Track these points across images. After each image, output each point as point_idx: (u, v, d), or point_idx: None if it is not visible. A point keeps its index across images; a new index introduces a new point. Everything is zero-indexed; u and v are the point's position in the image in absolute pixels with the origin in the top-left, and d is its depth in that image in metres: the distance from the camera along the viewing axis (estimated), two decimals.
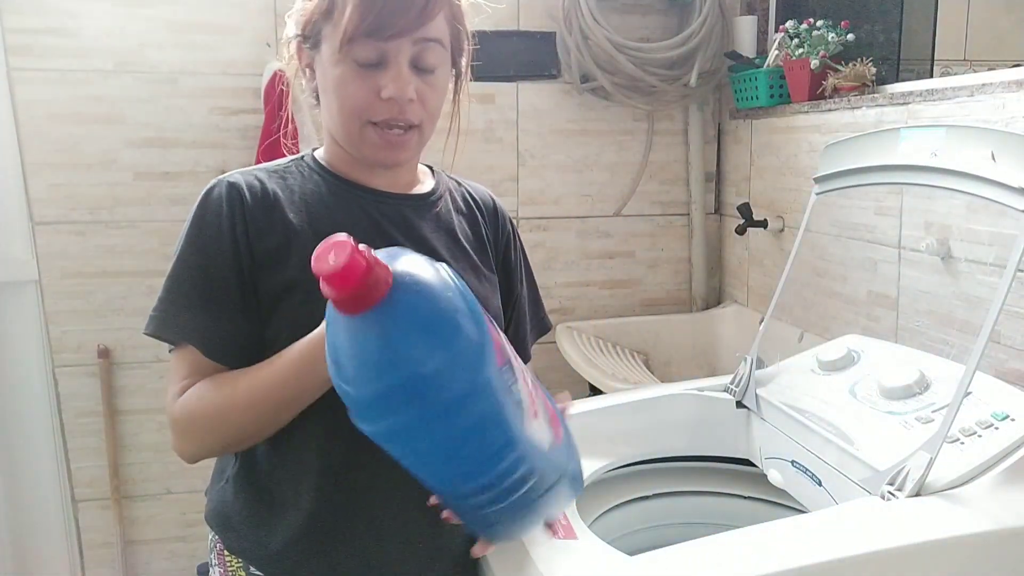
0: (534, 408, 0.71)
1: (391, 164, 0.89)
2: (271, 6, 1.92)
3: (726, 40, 2.07)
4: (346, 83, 0.82)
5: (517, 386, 0.68)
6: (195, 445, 0.82)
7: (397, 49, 0.81)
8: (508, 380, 0.66)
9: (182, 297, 0.82)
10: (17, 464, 1.94)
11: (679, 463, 1.30)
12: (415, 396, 0.58)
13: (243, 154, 1.93)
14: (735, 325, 2.11)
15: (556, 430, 0.76)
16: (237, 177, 0.87)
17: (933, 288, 1.39)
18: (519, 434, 0.67)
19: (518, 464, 0.68)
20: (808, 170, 1.73)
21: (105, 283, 1.93)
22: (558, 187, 2.15)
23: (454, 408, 0.61)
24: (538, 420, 0.72)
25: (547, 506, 0.75)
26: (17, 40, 1.81)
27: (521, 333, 1.02)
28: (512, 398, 0.66)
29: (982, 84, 1.27)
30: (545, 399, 0.77)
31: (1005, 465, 0.91)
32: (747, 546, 0.84)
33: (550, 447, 0.73)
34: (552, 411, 0.77)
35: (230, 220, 0.83)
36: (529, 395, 0.71)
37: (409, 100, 0.82)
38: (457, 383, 0.60)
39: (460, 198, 0.99)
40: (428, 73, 0.84)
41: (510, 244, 1.02)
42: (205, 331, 0.81)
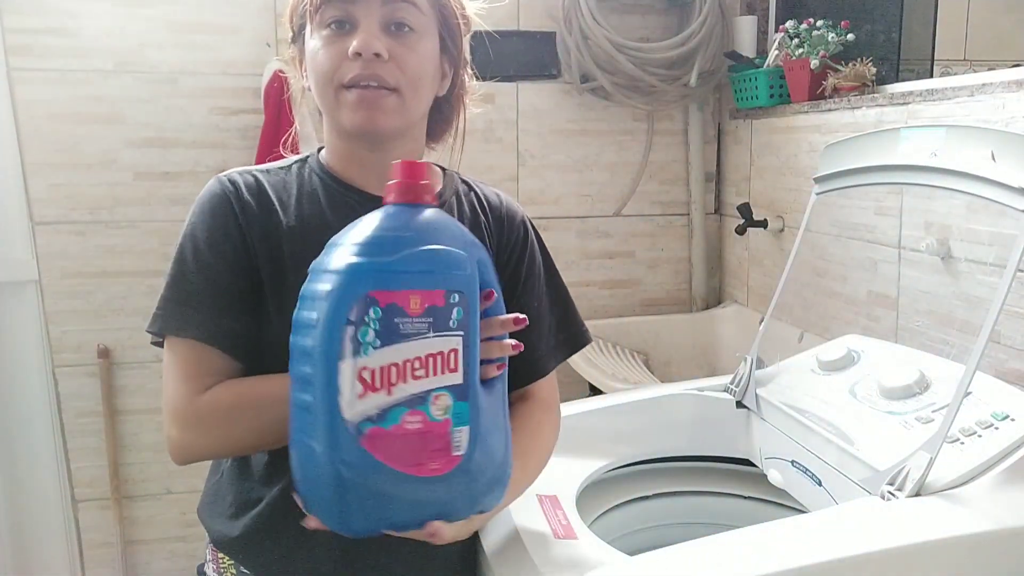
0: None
1: (372, 130, 0.83)
2: (271, 6, 1.92)
3: (726, 40, 2.07)
4: (317, 52, 0.82)
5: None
6: (217, 440, 0.80)
7: (365, 10, 0.81)
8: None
9: (186, 294, 0.81)
10: (17, 464, 1.93)
11: (679, 463, 1.30)
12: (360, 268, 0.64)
13: (243, 154, 1.93)
14: (735, 325, 2.11)
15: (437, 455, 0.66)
16: (236, 175, 0.86)
17: (933, 288, 1.39)
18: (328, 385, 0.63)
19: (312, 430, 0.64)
20: (808, 170, 1.73)
21: (105, 283, 1.93)
22: (558, 187, 2.15)
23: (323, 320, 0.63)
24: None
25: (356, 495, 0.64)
26: (17, 40, 1.81)
27: (539, 352, 0.94)
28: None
29: (982, 84, 1.27)
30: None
31: (1005, 465, 0.91)
32: (747, 546, 0.84)
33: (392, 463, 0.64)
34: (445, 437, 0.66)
35: (232, 217, 0.83)
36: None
37: (376, 55, 0.80)
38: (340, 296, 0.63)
39: (468, 204, 0.94)
40: (404, 36, 0.82)
41: (523, 255, 0.95)
42: (215, 326, 0.80)
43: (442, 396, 0.66)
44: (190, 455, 0.81)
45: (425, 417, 0.65)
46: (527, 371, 0.93)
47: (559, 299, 0.99)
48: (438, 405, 0.66)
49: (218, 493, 0.90)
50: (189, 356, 0.80)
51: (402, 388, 0.64)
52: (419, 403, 0.65)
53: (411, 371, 0.64)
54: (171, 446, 0.81)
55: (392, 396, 0.64)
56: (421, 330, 0.65)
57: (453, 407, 0.67)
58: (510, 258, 0.94)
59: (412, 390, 0.64)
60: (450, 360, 0.66)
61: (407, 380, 0.64)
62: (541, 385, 0.95)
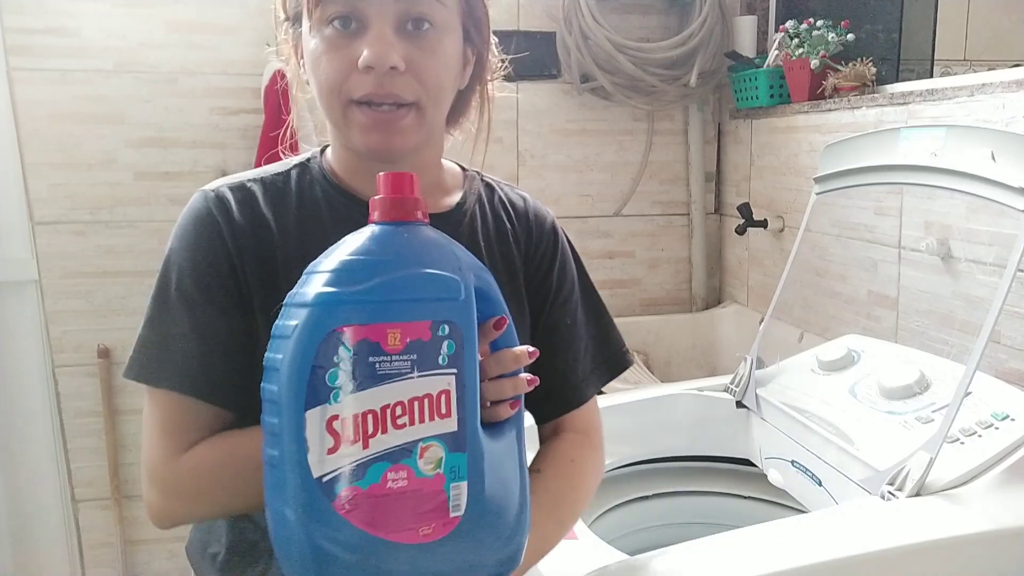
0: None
1: (387, 153, 0.72)
2: (271, 6, 1.92)
3: (726, 40, 2.07)
4: (319, 56, 0.69)
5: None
6: (201, 506, 0.70)
7: (377, 7, 0.67)
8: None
9: (167, 336, 0.70)
10: (17, 464, 1.93)
11: (679, 463, 1.30)
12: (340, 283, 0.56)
13: (243, 154, 1.93)
14: (735, 325, 2.11)
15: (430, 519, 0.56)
16: (224, 190, 0.74)
17: (933, 288, 1.39)
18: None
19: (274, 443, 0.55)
20: (808, 170, 1.73)
21: (105, 283, 1.93)
22: (558, 187, 2.15)
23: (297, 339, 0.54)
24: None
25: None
26: (17, 40, 1.81)
27: (575, 376, 0.83)
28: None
29: (982, 84, 1.27)
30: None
31: (1005, 465, 0.91)
32: (747, 546, 0.84)
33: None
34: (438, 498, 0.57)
35: (220, 242, 0.71)
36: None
37: (392, 68, 0.67)
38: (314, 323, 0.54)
39: (491, 211, 0.83)
40: (423, 36, 0.69)
41: (553, 264, 0.84)
42: (199, 375, 0.69)
43: (432, 447, 0.56)
44: (172, 521, 0.71)
45: (412, 473, 0.55)
46: (561, 399, 0.82)
47: (596, 315, 0.87)
48: (427, 458, 0.56)
49: (211, 532, 0.79)
50: (170, 409, 0.69)
51: (381, 440, 0.54)
52: (404, 456, 0.55)
53: (392, 419, 0.55)
54: (150, 511, 0.71)
55: (369, 449, 0.54)
56: (402, 370, 0.55)
57: (446, 459, 0.57)
58: (539, 268, 0.83)
59: (394, 441, 0.54)
60: (440, 404, 0.56)
61: (387, 430, 0.54)
62: (578, 415, 0.83)
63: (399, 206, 0.59)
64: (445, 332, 0.57)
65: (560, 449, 0.80)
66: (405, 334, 0.55)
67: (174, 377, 0.69)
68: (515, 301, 0.80)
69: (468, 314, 0.58)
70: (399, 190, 0.59)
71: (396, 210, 0.59)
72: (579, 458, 0.81)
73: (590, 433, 0.84)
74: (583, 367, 0.84)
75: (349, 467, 0.53)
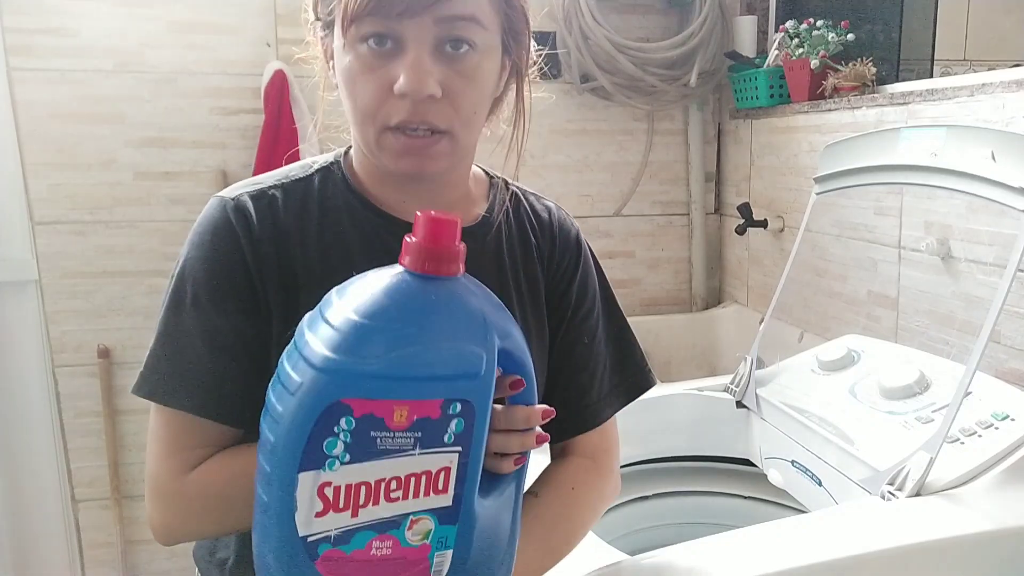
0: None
1: (418, 177, 0.71)
2: (271, 6, 1.92)
3: (726, 40, 2.07)
4: (354, 77, 0.66)
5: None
6: (209, 524, 0.69)
7: (415, 31, 0.64)
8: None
9: (180, 354, 0.68)
10: (17, 464, 1.93)
11: (679, 463, 1.30)
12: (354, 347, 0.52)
13: (243, 154, 1.93)
14: (735, 325, 2.11)
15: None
16: (245, 198, 0.71)
17: (933, 288, 1.39)
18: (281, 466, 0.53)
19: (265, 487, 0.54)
20: (808, 170, 1.73)
21: (105, 283, 1.93)
22: (558, 187, 2.15)
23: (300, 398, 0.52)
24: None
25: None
26: (17, 40, 1.81)
27: (589, 397, 0.80)
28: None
29: (982, 84, 1.27)
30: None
31: (1005, 465, 0.91)
32: (747, 546, 0.84)
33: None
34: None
35: (239, 255, 0.69)
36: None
37: (429, 96, 0.65)
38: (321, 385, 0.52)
39: (516, 223, 0.81)
40: (461, 60, 0.66)
41: (574, 278, 0.81)
42: (211, 395, 0.67)
43: (421, 520, 0.55)
44: (177, 538, 0.69)
45: (397, 543, 0.55)
46: (574, 421, 0.79)
47: (617, 334, 0.84)
48: (416, 530, 0.55)
49: (220, 537, 0.78)
50: (179, 427, 0.68)
51: (370, 511, 0.53)
52: (392, 527, 0.54)
53: (384, 493, 0.54)
54: (154, 527, 0.69)
55: (358, 518, 0.53)
56: (404, 446, 0.53)
57: (435, 531, 0.56)
58: (559, 283, 0.80)
59: (383, 514, 0.54)
60: (438, 481, 0.55)
61: (378, 502, 0.54)
62: (590, 437, 0.80)
63: (435, 259, 0.54)
64: (456, 410, 0.54)
65: (562, 474, 0.78)
66: (413, 412, 0.53)
67: (186, 398, 0.67)
68: (536, 321, 0.78)
69: (485, 391, 0.55)
70: (439, 240, 0.54)
71: (432, 263, 0.54)
72: (581, 484, 0.78)
73: (600, 457, 0.81)
74: (599, 388, 0.81)
75: (335, 532, 0.53)
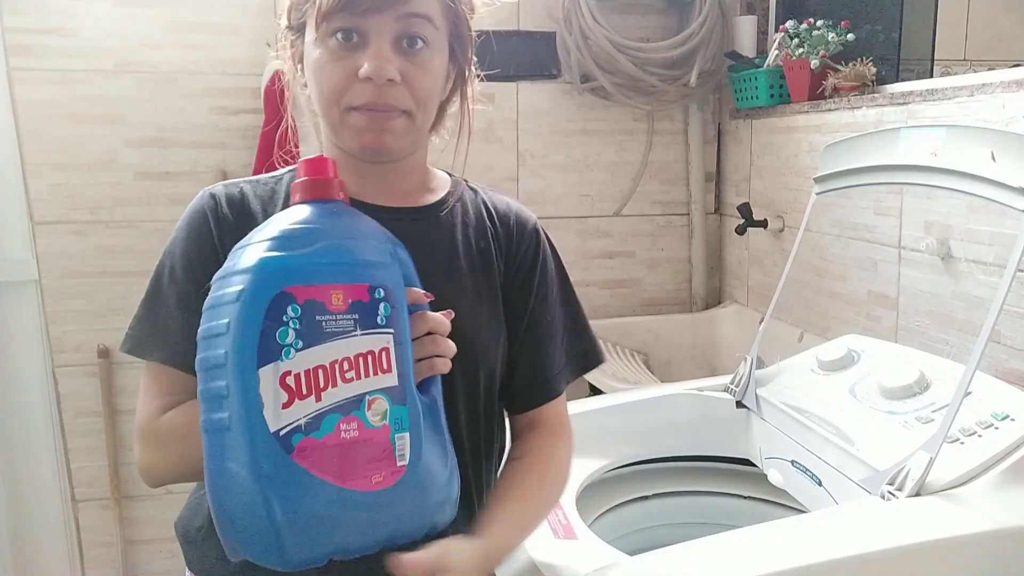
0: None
1: (378, 152, 0.79)
2: (271, 6, 1.92)
3: (726, 40, 2.07)
4: (323, 66, 0.76)
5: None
6: (172, 462, 0.76)
7: (378, 26, 0.74)
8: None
9: (157, 316, 0.79)
10: (17, 464, 1.93)
11: (679, 463, 1.30)
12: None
13: (243, 154, 1.93)
14: (735, 325, 2.11)
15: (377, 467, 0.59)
16: (219, 188, 0.83)
17: (933, 288, 1.39)
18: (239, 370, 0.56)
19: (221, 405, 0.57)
20: (808, 170, 1.73)
21: (105, 283, 1.93)
22: (558, 187, 2.15)
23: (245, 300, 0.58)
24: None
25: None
26: (17, 40, 1.81)
27: (550, 371, 0.88)
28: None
29: (982, 84, 1.27)
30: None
31: (1005, 465, 0.91)
32: (747, 546, 0.84)
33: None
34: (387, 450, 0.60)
35: (208, 237, 0.79)
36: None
37: (389, 80, 0.74)
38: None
39: (474, 211, 0.88)
40: (416, 54, 0.76)
41: (535, 265, 0.89)
42: (183, 350, 0.75)
43: (377, 399, 0.59)
44: (154, 477, 0.78)
45: (361, 424, 0.58)
46: (536, 392, 0.88)
47: (571, 314, 0.93)
48: (374, 410, 0.59)
49: (197, 509, 0.86)
50: (158, 377, 0.79)
51: (333, 393, 0.57)
52: (353, 408, 0.58)
53: (340, 373, 0.57)
54: (139, 469, 0.79)
55: (322, 402, 0.56)
56: (347, 328, 0.58)
57: (391, 412, 0.59)
58: (521, 268, 0.88)
59: (344, 394, 0.57)
60: (382, 360, 0.60)
61: (337, 384, 0.57)
62: (551, 407, 0.89)
63: (323, 186, 0.64)
64: (381, 295, 0.61)
65: (535, 441, 0.87)
66: (347, 295, 0.59)
67: (159, 351, 0.78)
68: (489, 294, 0.85)
69: (398, 281, 0.63)
70: (321, 171, 0.64)
71: (321, 189, 0.64)
72: (555, 447, 0.87)
73: (561, 426, 0.89)
74: (558, 361, 0.89)
75: (304, 419, 0.56)
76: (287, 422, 0.56)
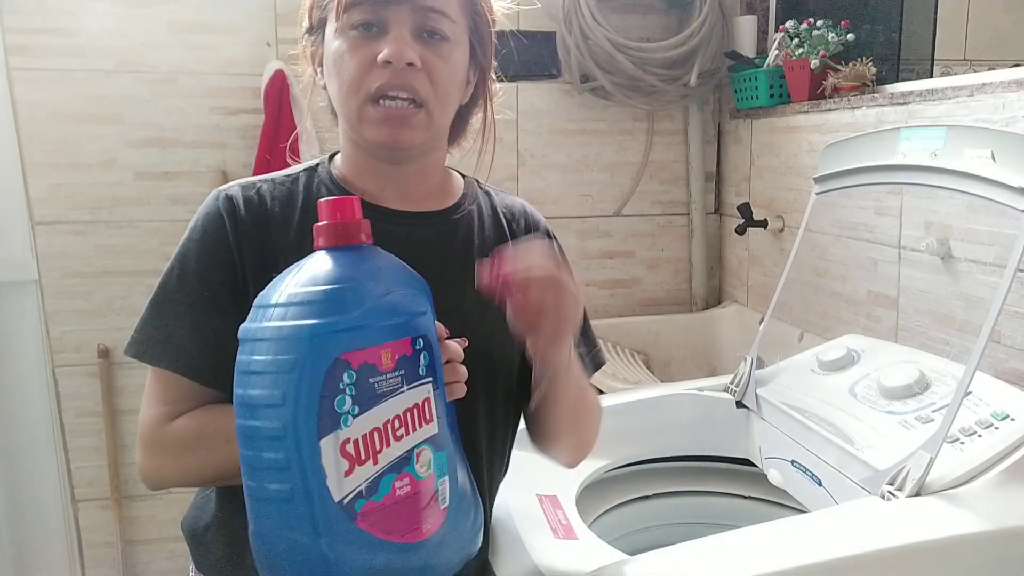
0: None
1: (395, 146, 0.79)
2: (271, 6, 1.92)
3: (726, 40, 2.07)
4: (343, 56, 0.77)
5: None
6: (178, 470, 0.76)
7: (396, 16, 0.75)
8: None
9: (165, 321, 0.78)
10: (17, 464, 1.93)
11: (679, 463, 1.30)
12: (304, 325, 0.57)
13: (243, 154, 1.93)
14: (735, 325, 2.10)
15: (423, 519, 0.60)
16: (235, 190, 0.81)
17: (933, 288, 1.39)
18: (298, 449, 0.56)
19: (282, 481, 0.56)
20: (808, 170, 1.73)
21: (105, 283, 1.93)
22: (558, 187, 2.15)
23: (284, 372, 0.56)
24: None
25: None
26: (17, 40, 1.81)
27: None
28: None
29: (982, 84, 1.27)
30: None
31: (1005, 465, 0.91)
32: (747, 546, 0.84)
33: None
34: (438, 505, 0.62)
35: (224, 241, 0.78)
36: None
37: (409, 64, 0.74)
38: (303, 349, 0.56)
39: (489, 215, 0.89)
40: (436, 44, 0.77)
41: None
42: (190, 358, 0.76)
43: (424, 451, 0.60)
44: (156, 482, 0.78)
45: (412, 478, 0.59)
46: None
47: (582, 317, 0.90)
48: (422, 462, 0.60)
49: (204, 508, 0.86)
50: (164, 383, 0.77)
51: (387, 453, 0.58)
52: (404, 465, 0.59)
53: (392, 432, 0.58)
54: (140, 472, 0.79)
55: (379, 465, 0.57)
56: (396, 386, 0.59)
57: (434, 459, 0.61)
58: None
59: (397, 452, 0.58)
60: (425, 411, 0.61)
61: (390, 444, 0.58)
62: None
63: (350, 230, 0.61)
64: (421, 345, 0.61)
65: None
66: (395, 352, 0.59)
67: (166, 358, 0.77)
68: None
69: (432, 323, 0.63)
70: (345, 214, 0.62)
71: (348, 235, 0.61)
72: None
73: None
74: None
75: (365, 485, 0.56)
76: (349, 490, 0.56)
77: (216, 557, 0.83)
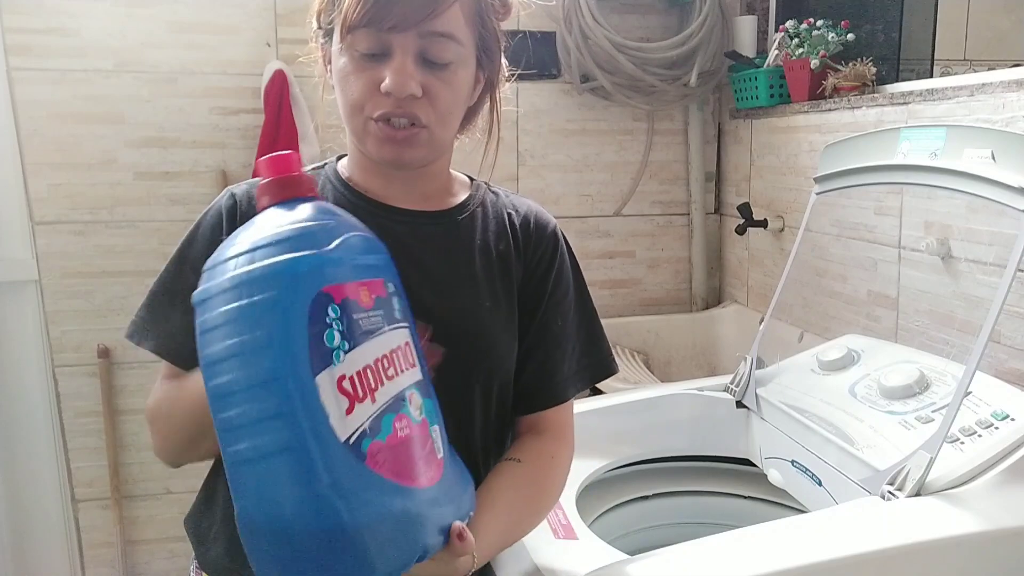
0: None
1: (398, 163, 0.80)
2: (271, 6, 1.92)
3: (726, 40, 2.07)
4: (347, 75, 0.77)
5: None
6: (165, 440, 0.78)
7: (401, 42, 0.74)
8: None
9: (163, 307, 0.81)
10: (17, 464, 1.93)
11: (679, 463, 1.30)
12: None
13: (243, 154, 1.93)
14: (735, 325, 2.10)
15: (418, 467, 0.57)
16: (241, 188, 0.83)
17: (933, 288, 1.39)
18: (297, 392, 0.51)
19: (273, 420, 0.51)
20: (808, 170, 1.73)
21: (105, 283, 1.93)
22: (558, 187, 2.15)
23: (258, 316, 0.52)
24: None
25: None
26: (17, 40, 1.81)
27: (560, 375, 0.87)
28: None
29: (982, 84, 1.27)
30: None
31: (1005, 465, 0.91)
32: (747, 546, 0.84)
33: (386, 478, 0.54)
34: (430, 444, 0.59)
35: (220, 234, 0.79)
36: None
37: (410, 95, 0.75)
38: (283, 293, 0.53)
39: (495, 215, 0.88)
40: (439, 68, 0.77)
41: (551, 268, 0.88)
42: (180, 346, 0.77)
43: (414, 394, 0.58)
44: (164, 458, 0.80)
45: (409, 420, 0.56)
46: (545, 395, 0.86)
47: (586, 322, 0.91)
48: (414, 404, 0.57)
49: (208, 504, 0.87)
50: (163, 365, 0.81)
51: (383, 392, 0.54)
52: (400, 406, 0.55)
53: (383, 371, 0.55)
54: (154, 451, 0.82)
55: (377, 403, 0.54)
56: (377, 325, 0.56)
57: (424, 405, 0.58)
58: (537, 269, 0.87)
59: (391, 392, 0.55)
60: (408, 354, 0.58)
61: (383, 382, 0.55)
62: (556, 412, 0.87)
63: (296, 183, 0.60)
64: (392, 289, 0.59)
65: (538, 446, 0.85)
66: (371, 291, 0.57)
67: (152, 340, 0.81)
68: (506, 300, 0.85)
69: (396, 273, 0.62)
70: (288, 168, 0.60)
71: (295, 187, 0.59)
72: (556, 454, 0.86)
73: (564, 433, 0.88)
74: (568, 367, 0.88)
75: (368, 423, 0.53)
76: (353, 428, 0.52)
77: (218, 554, 0.83)
